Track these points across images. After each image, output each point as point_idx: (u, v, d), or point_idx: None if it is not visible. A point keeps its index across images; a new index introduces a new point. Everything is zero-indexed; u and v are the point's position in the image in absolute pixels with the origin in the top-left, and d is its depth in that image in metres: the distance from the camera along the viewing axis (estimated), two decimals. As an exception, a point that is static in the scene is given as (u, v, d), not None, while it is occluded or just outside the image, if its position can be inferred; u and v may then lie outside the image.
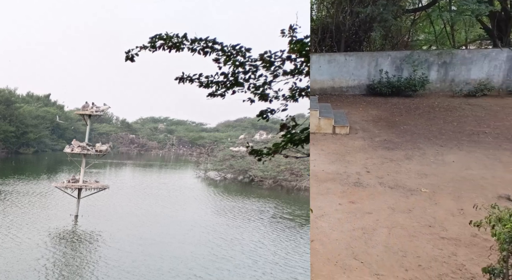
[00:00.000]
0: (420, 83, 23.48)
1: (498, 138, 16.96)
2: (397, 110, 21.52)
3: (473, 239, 9.28)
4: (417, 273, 8.24)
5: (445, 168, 13.99)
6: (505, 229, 5.96)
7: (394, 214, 10.83)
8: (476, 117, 19.94)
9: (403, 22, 28.68)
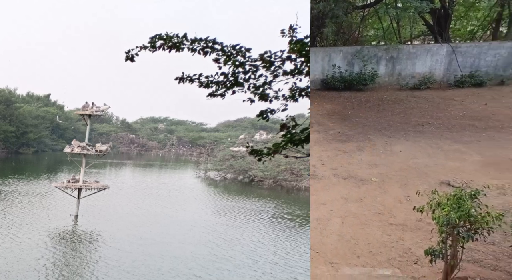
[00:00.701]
0: (370, 77, 24.38)
1: (440, 128, 17.77)
2: (350, 104, 22.13)
3: (418, 224, 9.69)
4: (368, 259, 8.60)
5: (393, 157, 14.53)
6: (443, 212, 6.34)
7: (347, 203, 11.22)
8: (421, 109, 20.83)
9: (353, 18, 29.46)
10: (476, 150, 14.68)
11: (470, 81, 23.44)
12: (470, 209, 6.28)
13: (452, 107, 20.44)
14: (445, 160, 13.91)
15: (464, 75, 23.79)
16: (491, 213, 6.35)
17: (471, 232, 6.40)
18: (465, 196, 6.48)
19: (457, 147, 15.21)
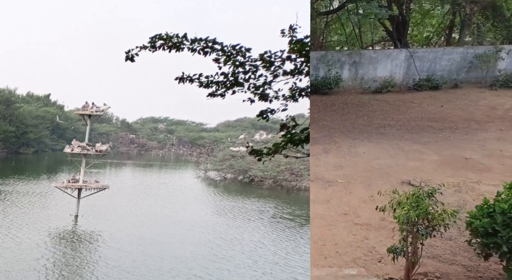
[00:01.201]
0: (334, 82, 25.08)
1: (400, 130, 18.46)
2: (316, 107, 22.60)
3: (382, 223, 9.92)
4: (335, 259, 8.79)
5: (358, 159, 14.89)
6: (403, 211, 6.61)
7: (315, 205, 11.43)
8: (383, 111, 21.57)
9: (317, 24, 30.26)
10: (434, 150, 15.35)
11: (427, 84, 24.58)
12: (428, 207, 6.57)
13: (411, 110, 21.39)
14: (406, 160, 14.48)
15: (422, 78, 24.89)
16: (447, 211, 6.65)
17: (429, 229, 6.68)
18: (423, 195, 6.75)
19: (417, 147, 15.86)
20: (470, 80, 25.17)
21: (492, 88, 23.95)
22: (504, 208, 6.41)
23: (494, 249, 6.58)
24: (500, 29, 27.49)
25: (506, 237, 6.22)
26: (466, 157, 14.41)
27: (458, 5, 25.94)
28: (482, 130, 17.68)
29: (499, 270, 7.46)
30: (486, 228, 6.54)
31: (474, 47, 26.42)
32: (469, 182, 12.23)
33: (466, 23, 27.05)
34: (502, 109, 20.44)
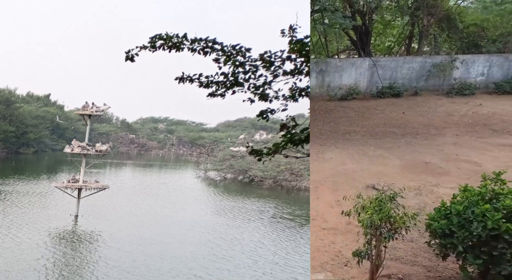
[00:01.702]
0: None
1: (365, 135, 19.00)
2: None
3: (348, 227, 10.10)
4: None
5: (325, 164, 15.19)
6: (367, 215, 6.78)
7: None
8: (348, 118, 22.28)
9: None
10: (396, 155, 15.93)
11: (389, 91, 25.76)
12: (390, 211, 6.75)
13: (375, 116, 22.20)
14: (370, 165, 14.91)
15: (384, 86, 26.06)
16: (408, 213, 6.84)
17: (391, 232, 6.87)
18: (385, 199, 6.94)
19: (380, 152, 16.37)
20: (428, 88, 26.52)
21: (448, 96, 25.41)
22: (459, 209, 6.67)
23: (451, 249, 6.82)
24: (455, 40, 29.49)
25: (461, 237, 6.45)
26: (426, 161, 14.99)
27: (416, 17, 27.50)
28: (440, 136, 18.51)
29: (456, 269, 7.72)
30: (444, 229, 6.82)
31: (431, 56, 27.73)
32: (429, 185, 12.70)
33: (424, 34, 28.54)
34: (458, 115, 21.67)
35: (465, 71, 26.31)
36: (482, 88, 26.15)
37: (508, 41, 27.41)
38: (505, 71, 26.27)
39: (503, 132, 18.50)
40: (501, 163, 13.53)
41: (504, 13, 27.29)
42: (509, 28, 27.78)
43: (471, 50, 28.19)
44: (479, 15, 28.10)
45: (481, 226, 6.26)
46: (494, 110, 21.85)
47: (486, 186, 6.84)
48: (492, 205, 6.46)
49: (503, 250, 6.15)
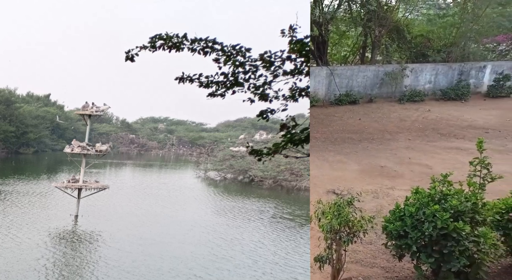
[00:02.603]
0: None
1: (325, 141, 19.58)
2: None
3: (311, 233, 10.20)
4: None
5: None
6: (327, 220, 6.93)
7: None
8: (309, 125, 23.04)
9: None
10: (354, 160, 16.46)
11: (346, 99, 26.97)
12: (348, 215, 6.93)
13: (334, 123, 23.16)
14: (330, 170, 15.35)
15: (342, 94, 27.20)
16: (365, 217, 7.06)
17: (350, 236, 7.04)
18: (343, 203, 7.12)
19: (340, 158, 16.92)
20: (382, 95, 28.00)
21: (400, 102, 27.04)
22: (412, 211, 6.91)
23: (406, 250, 7.05)
24: (404, 49, 31.10)
25: (414, 238, 6.71)
26: (381, 165, 15.56)
27: (368, 28, 29.03)
28: (393, 140, 19.41)
29: (411, 268, 7.97)
30: (398, 230, 7.07)
31: (384, 65, 29.27)
32: (385, 188, 13.07)
33: (376, 44, 29.97)
34: (410, 120, 22.94)
35: (415, 79, 28.13)
36: (430, 95, 28.05)
37: (451, 51, 29.51)
38: (450, 79, 28.32)
39: (450, 135, 19.54)
40: (449, 165, 14.26)
41: (446, 25, 29.86)
42: (451, 39, 29.79)
43: (419, 59, 29.89)
44: (425, 26, 30.16)
45: (431, 226, 6.55)
46: (442, 115, 23.35)
47: (435, 188, 7.08)
48: (441, 205, 6.74)
49: (452, 248, 6.46)
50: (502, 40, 31.57)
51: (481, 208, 6.78)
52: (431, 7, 32.95)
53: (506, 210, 7.26)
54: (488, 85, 27.83)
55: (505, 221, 7.24)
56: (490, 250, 6.51)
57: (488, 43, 32.15)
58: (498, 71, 27.82)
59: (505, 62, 29.01)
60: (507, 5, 28.53)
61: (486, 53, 32.15)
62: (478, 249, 6.47)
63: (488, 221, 6.85)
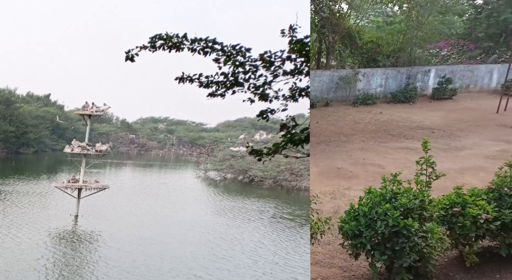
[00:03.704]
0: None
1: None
2: None
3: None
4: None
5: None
6: None
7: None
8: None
9: None
10: (313, 162, 16.86)
11: None
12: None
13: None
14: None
15: None
16: (321, 218, 7.22)
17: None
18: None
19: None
20: (337, 99, 29.06)
21: (354, 105, 28.13)
22: (365, 211, 7.13)
23: (361, 249, 7.26)
24: (356, 55, 32.37)
25: (368, 236, 6.94)
26: (338, 167, 16.06)
27: (322, 34, 30.17)
28: (349, 142, 20.04)
29: (367, 266, 8.16)
30: (354, 230, 7.26)
31: (338, 70, 30.36)
32: (342, 189, 13.46)
33: (330, 50, 31.21)
34: (363, 123, 23.73)
35: (367, 83, 29.21)
36: (382, 98, 29.28)
37: (399, 56, 31.11)
38: (399, 83, 29.72)
39: (400, 136, 20.31)
40: (400, 164, 14.74)
41: (393, 32, 31.40)
42: (399, 45, 31.19)
43: (370, 64, 31.16)
44: (374, 33, 31.44)
45: (384, 224, 6.78)
46: (392, 117, 24.38)
47: (386, 187, 7.28)
48: (391, 204, 6.97)
49: (403, 244, 6.73)
50: (443, 46, 34.32)
51: (428, 205, 7.07)
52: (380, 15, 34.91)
53: (450, 206, 7.57)
54: (433, 88, 29.81)
55: (449, 216, 7.54)
56: (437, 244, 6.80)
57: (432, 49, 34.33)
58: (441, 75, 29.64)
59: (447, 66, 31.00)
60: (446, 13, 30.89)
61: (430, 58, 34.17)
62: (426, 244, 6.74)
63: (434, 216, 7.15)
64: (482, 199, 7.66)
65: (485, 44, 34.01)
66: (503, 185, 7.82)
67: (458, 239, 7.49)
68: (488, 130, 19.83)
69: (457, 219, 7.40)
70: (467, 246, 7.59)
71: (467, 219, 7.33)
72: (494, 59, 32.46)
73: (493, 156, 15.26)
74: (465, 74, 30.69)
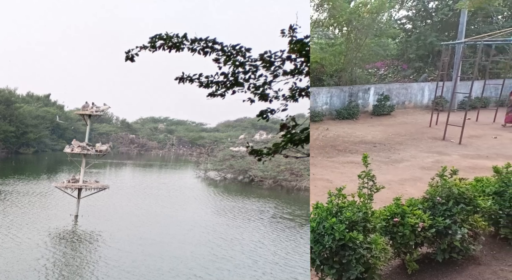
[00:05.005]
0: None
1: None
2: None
3: None
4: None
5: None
6: None
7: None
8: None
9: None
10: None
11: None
12: None
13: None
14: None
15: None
16: None
17: None
18: None
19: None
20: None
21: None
22: (314, 226, 7.16)
23: (312, 265, 7.23)
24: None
25: (317, 251, 6.95)
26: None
27: None
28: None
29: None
30: None
31: None
32: None
33: None
34: (312, 139, 23.89)
35: (314, 101, 30.73)
36: (328, 115, 31.02)
37: (341, 75, 32.98)
38: (342, 100, 31.61)
39: (346, 151, 20.72)
40: (346, 178, 14.97)
41: (335, 53, 32.69)
42: (340, 65, 33.16)
43: (316, 83, 32.45)
44: (318, 54, 32.39)
45: (331, 238, 6.83)
46: (338, 133, 25.24)
47: (331, 202, 7.35)
48: (337, 218, 7.05)
49: (349, 257, 6.79)
50: (380, 66, 36.97)
51: (370, 217, 7.23)
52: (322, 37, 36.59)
53: (391, 216, 7.77)
54: (373, 105, 31.57)
55: (390, 226, 7.73)
56: (381, 255, 6.92)
57: (370, 69, 36.70)
58: (380, 93, 31.76)
59: (384, 85, 33.30)
60: (381, 36, 33.02)
61: (369, 77, 36.24)
62: (371, 255, 6.84)
63: (377, 228, 7.31)
64: (419, 208, 7.99)
65: (416, 64, 37.49)
66: (436, 195, 8.18)
67: (400, 248, 7.72)
68: (423, 143, 20.91)
69: (398, 229, 7.63)
70: (408, 254, 7.85)
71: (407, 228, 7.56)
72: (424, 78, 35.49)
73: (428, 167, 15.93)
74: (401, 91, 33.35)
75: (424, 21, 38.18)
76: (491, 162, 14.12)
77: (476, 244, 8.18)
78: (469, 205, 7.98)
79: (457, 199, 8.00)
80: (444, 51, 27.93)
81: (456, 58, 31.31)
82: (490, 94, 32.00)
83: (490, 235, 9.09)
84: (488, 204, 8.29)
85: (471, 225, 8.07)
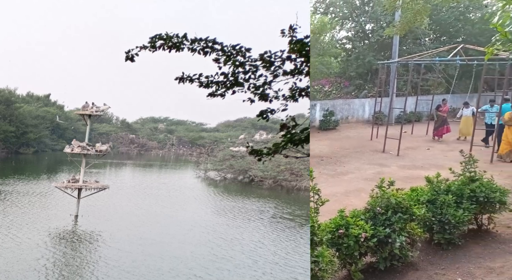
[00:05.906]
0: None
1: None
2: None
3: None
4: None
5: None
6: None
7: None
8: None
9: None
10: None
11: None
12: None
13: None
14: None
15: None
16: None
17: None
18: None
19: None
20: None
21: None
22: None
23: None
24: None
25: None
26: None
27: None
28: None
29: None
30: None
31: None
32: None
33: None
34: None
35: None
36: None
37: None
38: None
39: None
40: None
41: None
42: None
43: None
44: None
45: None
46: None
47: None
48: None
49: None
50: (325, 83, 38.66)
51: (317, 230, 7.32)
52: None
53: (336, 228, 7.92)
54: (320, 120, 31.89)
55: (336, 238, 7.87)
56: (328, 267, 7.00)
57: (316, 85, 37.93)
58: (325, 108, 32.28)
59: (329, 101, 34.43)
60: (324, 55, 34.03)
61: (315, 94, 37.22)
62: (319, 268, 6.88)
63: (324, 240, 7.45)
64: (361, 219, 8.17)
65: (356, 81, 38.99)
66: (376, 205, 8.40)
67: (345, 259, 7.87)
68: (365, 155, 21.38)
69: (343, 240, 7.75)
70: (353, 264, 8.00)
71: (351, 239, 7.69)
72: (364, 94, 37.25)
73: (370, 178, 16.19)
74: (344, 107, 34.62)
75: (362, 41, 40.29)
76: (425, 172, 14.38)
77: (413, 251, 8.52)
78: (405, 214, 8.26)
79: (395, 208, 8.28)
80: (381, 70, 29.37)
81: (392, 76, 32.57)
82: (422, 109, 33.70)
83: (425, 241, 9.45)
84: (422, 212, 8.64)
85: (408, 232, 8.42)
